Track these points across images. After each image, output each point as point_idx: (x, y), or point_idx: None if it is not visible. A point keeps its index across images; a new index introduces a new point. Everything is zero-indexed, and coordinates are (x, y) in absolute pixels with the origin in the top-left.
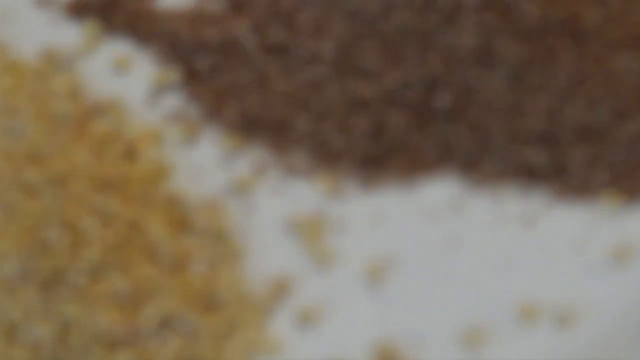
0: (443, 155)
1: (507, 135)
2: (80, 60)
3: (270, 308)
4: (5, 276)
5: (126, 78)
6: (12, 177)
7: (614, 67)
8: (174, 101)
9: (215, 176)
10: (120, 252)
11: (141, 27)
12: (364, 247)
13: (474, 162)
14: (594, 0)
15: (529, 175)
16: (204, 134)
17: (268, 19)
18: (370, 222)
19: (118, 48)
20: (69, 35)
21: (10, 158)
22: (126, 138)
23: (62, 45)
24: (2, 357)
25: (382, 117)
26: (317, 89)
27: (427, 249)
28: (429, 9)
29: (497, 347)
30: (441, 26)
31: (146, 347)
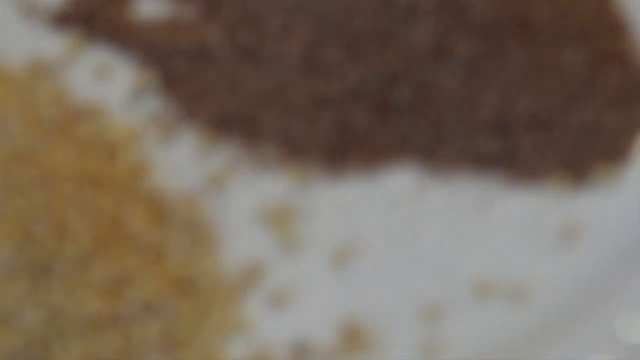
0: (402, 147)
1: (462, 126)
2: (64, 67)
3: (243, 291)
4: None
5: (107, 83)
6: (2, 177)
7: (561, 60)
8: (152, 103)
9: (192, 172)
10: (104, 243)
11: (121, 36)
12: (330, 233)
13: (431, 152)
14: None
15: (483, 162)
16: (180, 133)
17: (238, 24)
18: (336, 210)
19: (99, 55)
20: (53, 44)
21: (0, 160)
22: (108, 139)
23: (47, 54)
24: None
25: (346, 112)
26: (284, 88)
27: (389, 234)
28: (387, 10)
29: (455, 322)
30: (399, 26)
31: (129, 330)
